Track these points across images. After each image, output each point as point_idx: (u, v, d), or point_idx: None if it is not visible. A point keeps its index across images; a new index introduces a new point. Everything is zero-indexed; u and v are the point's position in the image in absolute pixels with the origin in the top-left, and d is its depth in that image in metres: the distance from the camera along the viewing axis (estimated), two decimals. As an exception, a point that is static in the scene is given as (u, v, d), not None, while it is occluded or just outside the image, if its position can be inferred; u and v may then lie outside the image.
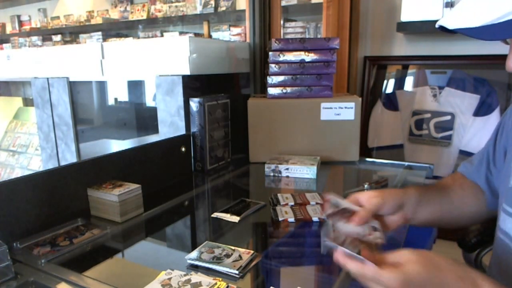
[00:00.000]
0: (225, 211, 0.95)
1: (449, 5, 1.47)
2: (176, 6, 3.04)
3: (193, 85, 1.34)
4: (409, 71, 1.76)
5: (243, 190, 1.26)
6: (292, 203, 0.98)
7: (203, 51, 1.36)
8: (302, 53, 1.35)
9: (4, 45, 4.22)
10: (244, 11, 1.69)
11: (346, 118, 1.35)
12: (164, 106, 1.36)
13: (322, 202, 0.97)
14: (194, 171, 1.32)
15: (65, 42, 3.81)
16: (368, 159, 1.45)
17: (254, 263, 0.71)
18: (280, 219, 0.90)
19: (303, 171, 1.23)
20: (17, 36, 4.14)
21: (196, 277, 0.64)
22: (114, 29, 3.51)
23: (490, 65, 1.59)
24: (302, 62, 1.36)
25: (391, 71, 1.80)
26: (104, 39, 3.45)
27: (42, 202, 0.84)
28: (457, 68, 1.64)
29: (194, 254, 0.72)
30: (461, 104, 1.62)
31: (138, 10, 3.27)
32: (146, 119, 1.65)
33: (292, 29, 2.34)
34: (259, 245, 0.86)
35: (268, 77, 1.39)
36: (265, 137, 1.39)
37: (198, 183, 1.27)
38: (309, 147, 1.37)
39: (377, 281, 0.50)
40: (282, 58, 1.36)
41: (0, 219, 0.77)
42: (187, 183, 1.25)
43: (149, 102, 1.62)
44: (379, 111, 1.81)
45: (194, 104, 1.27)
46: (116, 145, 1.80)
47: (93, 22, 3.60)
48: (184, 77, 1.30)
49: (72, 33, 3.81)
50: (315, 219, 0.90)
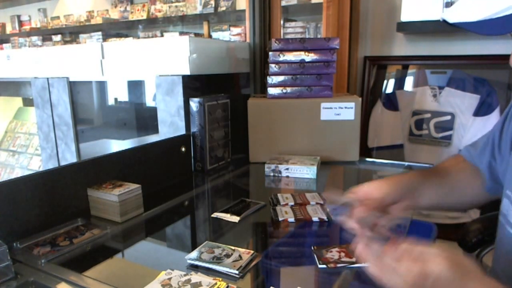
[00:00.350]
0: (225, 211, 0.95)
1: (449, 5, 1.47)
2: (176, 6, 3.04)
3: (193, 85, 1.34)
4: (409, 71, 1.75)
5: (243, 190, 1.26)
6: (292, 203, 0.98)
7: (203, 51, 1.36)
8: (302, 53, 1.35)
9: (4, 45, 4.22)
10: (244, 11, 1.69)
11: (346, 118, 1.35)
12: (164, 106, 1.36)
13: (322, 203, 0.97)
14: (194, 171, 1.32)
15: (65, 42, 3.81)
16: (368, 159, 1.45)
17: (254, 263, 0.71)
18: (280, 219, 0.90)
19: (303, 171, 1.23)
20: (17, 36, 4.14)
21: (196, 277, 0.64)
22: (114, 29, 3.51)
23: (490, 65, 1.59)
24: (302, 62, 1.36)
25: (391, 71, 1.80)
26: (104, 39, 3.45)
27: (42, 202, 0.84)
28: (457, 68, 1.64)
29: (194, 254, 0.72)
30: (461, 104, 1.62)
31: (138, 10, 3.27)
32: (146, 119, 1.65)
33: (292, 29, 2.34)
34: (259, 245, 0.86)
35: (268, 77, 1.39)
36: (265, 137, 1.39)
37: (198, 183, 1.27)
38: (309, 147, 1.37)
39: (395, 270, 0.49)
40: (282, 58, 1.36)
41: (0, 219, 0.77)
42: (187, 183, 1.25)
43: (149, 102, 1.62)
44: (379, 111, 1.81)
45: (194, 104, 1.27)
46: (116, 145, 1.80)
47: (93, 22, 3.60)
48: (184, 77, 1.30)
49: (72, 33, 3.81)
50: (315, 219, 0.90)
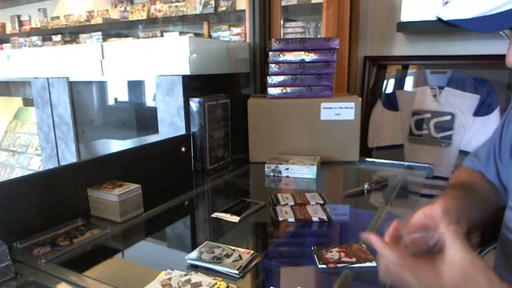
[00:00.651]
0: (225, 211, 0.95)
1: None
2: (176, 6, 3.04)
3: (193, 85, 1.34)
4: (409, 71, 1.75)
5: (243, 190, 1.26)
6: (292, 203, 0.98)
7: (203, 51, 1.36)
8: (302, 53, 1.35)
9: (4, 45, 4.23)
10: (244, 11, 1.69)
11: (346, 118, 1.35)
12: (164, 106, 1.36)
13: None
14: (194, 171, 1.32)
15: (65, 42, 3.81)
16: (368, 159, 1.45)
17: (254, 263, 0.71)
18: (280, 219, 0.90)
19: (303, 171, 1.23)
20: (17, 36, 4.14)
21: (196, 277, 0.64)
22: (114, 29, 3.51)
23: (490, 65, 1.59)
24: (302, 62, 1.36)
25: (391, 71, 1.80)
26: (104, 39, 3.45)
27: (42, 202, 0.84)
28: (457, 68, 1.64)
29: (194, 254, 0.72)
30: (461, 104, 1.62)
31: (138, 10, 3.27)
32: (146, 119, 1.66)
33: (292, 29, 2.34)
34: (259, 245, 0.86)
35: (268, 77, 1.39)
36: (265, 137, 1.39)
37: (198, 183, 1.27)
38: (309, 147, 1.37)
39: (415, 275, 0.50)
40: (282, 58, 1.36)
41: (0, 219, 0.77)
42: (187, 183, 1.25)
43: (149, 102, 1.62)
44: (379, 111, 1.80)
45: (194, 104, 1.27)
46: (116, 145, 1.80)
47: (93, 22, 3.60)
48: (184, 77, 1.30)
49: (72, 33, 3.81)
50: (315, 219, 0.90)
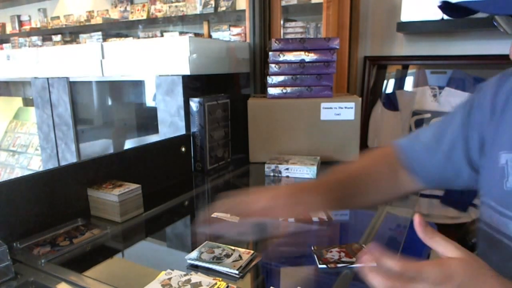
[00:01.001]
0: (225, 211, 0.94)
1: (449, 5, 1.47)
2: (176, 6, 3.04)
3: (193, 85, 1.34)
4: (409, 71, 1.75)
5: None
6: (292, 203, 0.98)
7: (203, 51, 1.36)
8: (302, 53, 1.35)
9: (4, 45, 4.23)
10: (244, 11, 1.69)
11: (346, 118, 1.34)
12: (164, 106, 1.36)
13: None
14: (194, 171, 1.32)
15: (65, 42, 3.81)
16: (368, 159, 1.45)
17: (254, 263, 0.71)
18: (280, 219, 0.90)
19: (303, 171, 1.23)
20: (17, 36, 4.14)
21: (196, 277, 0.64)
22: (114, 29, 3.51)
23: (490, 65, 1.59)
24: (302, 62, 1.36)
25: (391, 71, 1.80)
26: (104, 39, 3.45)
27: (42, 202, 0.84)
28: (457, 68, 1.64)
29: (194, 254, 0.72)
30: (461, 104, 1.62)
31: (138, 10, 3.27)
32: (146, 119, 1.65)
33: (292, 29, 2.34)
34: (259, 245, 0.86)
35: (268, 77, 1.39)
36: (265, 137, 1.39)
37: (198, 183, 1.27)
38: (309, 147, 1.37)
39: (420, 277, 0.46)
40: (282, 58, 1.36)
41: (0, 219, 0.77)
42: (187, 183, 1.25)
43: (149, 102, 1.62)
44: (379, 111, 1.80)
45: (194, 104, 1.27)
46: (116, 145, 1.80)
47: (93, 22, 3.60)
48: (184, 77, 1.30)
49: (72, 33, 3.81)
50: (315, 219, 0.90)
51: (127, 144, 1.74)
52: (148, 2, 3.23)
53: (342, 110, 1.34)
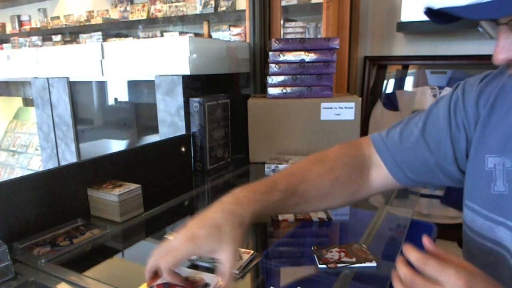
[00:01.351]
0: (225, 211, 0.94)
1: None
2: (176, 6, 3.04)
3: (193, 85, 1.34)
4: (409, 71, 1.75)
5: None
6: (292, 203, 0.98)
7: (203, 51, 1.36)
8: (302, 53, 1.35)
9: (4, 45, 4.22)
10: (244, 11, 1.69)
11: (346, 118, 1.34)
12: (164, 106, 1.36)
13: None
14: (194, 171, 1.32)
15: (65, 42, 3.81)
16: (368, 159, 1.45)
17: (254, 263, 0.71)
18: (280, 219, 0.90)
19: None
20: (17, 36, 4.14)
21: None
22: (114, 29, 3.51)
23: (490, 65, 1.59)
24: (302, 62, 1.36)
25: (391, 71, 1.80)
26: (104, 39, 3.45)
27: (42, 202, 0.84)
28: (457, 68, 1.64)
29: (194, 254, 0.72)
30: (461, 104, 1.62)
31: (138, 10, 3.27)
32: (146, 119, 1.65)
33: (292, 29, 2.34)
34: (259, 245, 0.86)
35: (268, 77, 1.39)
36: (265, 137, 1.39)
37: (198, 183, 1.27)
38: (309, 147, 1.37)
39: (439, 277, 0.46)
40: (282, 58, 1.36)
41: (0, 219, 0.77)
42: (187, 183, 1.25)
43: (149, 102, 1.62)
44: (379, 111, 1.80)
45: (194, 104, 1.27)
46: (116, 145, 1.80)
47: (93, 22, 3.60)
48: (184, 77, 1.30)
49: (72, 33, 3.81)
50: (315, 219, 0.90)
51: (127, 145, 1.74)
52: (148, 2, 3.23)
53: (342, 110, 1.34)
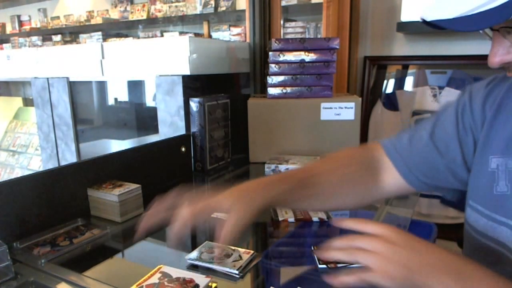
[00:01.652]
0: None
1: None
2: (176, 6, 3.04)
3: (193, 85, 1.34)
4: (409, 71, 1.75)
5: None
6: (292, 203, 0.98)
7: (203, 51, 1.36)
8: (302, 53, 1.35)
9: (4, 45, 4.23)
10: (244, 11, 1.69)
11: (346, 118, 1.34)
12: (164, 106, 1.36)
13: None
14: (194, 171, 1.32)
15: (65, 42, 3.81)
16: (368, 159, 1.45)
17: (254, 263, 0.71)
18: (280, 219, 0.90)
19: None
20: (17, 36, 4.14)
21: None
22: (114, 29, 3.52)
23: (490, 65, 1.59)
24: (302, 62, 1.36)
25: (391, 71, 1.80)
26: (104, 39, 3.45)
27: (42, 202, 0.84)
28: (457, 68, 1.64)
29: (194, 254, 0.72)
30: (461, 104, 1.62)
31: (138, 10, 3.27)
32: (146, 119, 1.65)
33: (292, 29, 2.34)
34: (259, 245, 0.86)
35: (268, 77, 1.39)
36: (265, 137, 1.39)
37: (198, 183, 1.27)
38: (309, 147, 1.37)
39: (366, 246, 0.51)
40: (282, 58, 1.36)
41: (0, 219, 0.77)
42: (187, 183, 1.25)
43: (149, 102, 1.62)
44: (379, 111, 1.80)
45: (194, 104, 1.27)
46: (116, 145, 1.80)
47: (93, 22, 3.60)
48: (184, 77, 1.30)
49: (72, 33, 3.82)
50: (315, 219, 0.90)
51: (127, 144, 1.74)
52: (148, 2, 3.23)
53: (342, 110, 1.34)
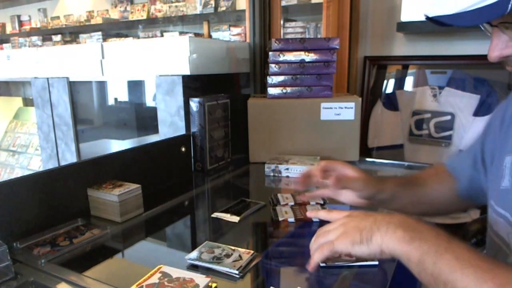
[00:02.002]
0: (225, 211, 0.95)
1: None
2: (176, 6, 3.04)
3: (193, 85, 1.34)
4: (409, 71, 1.75)
5: (243, 190, 1.26)
6: (292, 203, 0.98)
7: (203, 51, 1.36)
8: (302, 53, 1.35)
9: (4, 45, 4.23)
10: (244, 11, 1.69)
11: (346, 118, 1.35)
12: (164, 106, 1.36)
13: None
14: (194, 171, 1.32)
15: (65, 42, 3.81)
16: (368, 159, 1.45)
17: (254, 263, 0.71)
18: (280, 219, 0.90)
19: (303, 171, 1.23)
20: (17, 36, 4.14)
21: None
22: (114, 29, 3.52)
23: (490, 65, 1.58)
24: (302, 62, 1.36)
25: (391, 71, 1.80)
26: (104, 39, 3.45)
27: (42, 202, 0.84)
28: (457, 68, 1.64)
29: (194, 254, 0.72)
30: (461, 104, 1.62)
31: (138, 10, 3.27)
32: (146, 119, 1.65)
33: (292, 29, 2.34)
34: (259, 245, 0.86)
35: (268, 77, 1.39)
36: (265, 137, 1.39)
37: (198, 183, 1.27)
38: (309, 147, 1.37)
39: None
40: (282, 58, 1.36)
41: (0, 219, 0.77)
42: (187, 183, 1.25)
43: (149, 102, 1.62)
44: (379, 111, 1.80)
45: (194, 104, 1.27)
46: (116, 145, 1.80)
47: (93, 22, 3.60)
48: (184, 77, 1.30)
49: (72, 33, 3.82)
50: (315, 219, 0.90)
51: (127, 144, 1.74)
52: (148, 2, 3.23)
53: (342, 110, 1.34)
